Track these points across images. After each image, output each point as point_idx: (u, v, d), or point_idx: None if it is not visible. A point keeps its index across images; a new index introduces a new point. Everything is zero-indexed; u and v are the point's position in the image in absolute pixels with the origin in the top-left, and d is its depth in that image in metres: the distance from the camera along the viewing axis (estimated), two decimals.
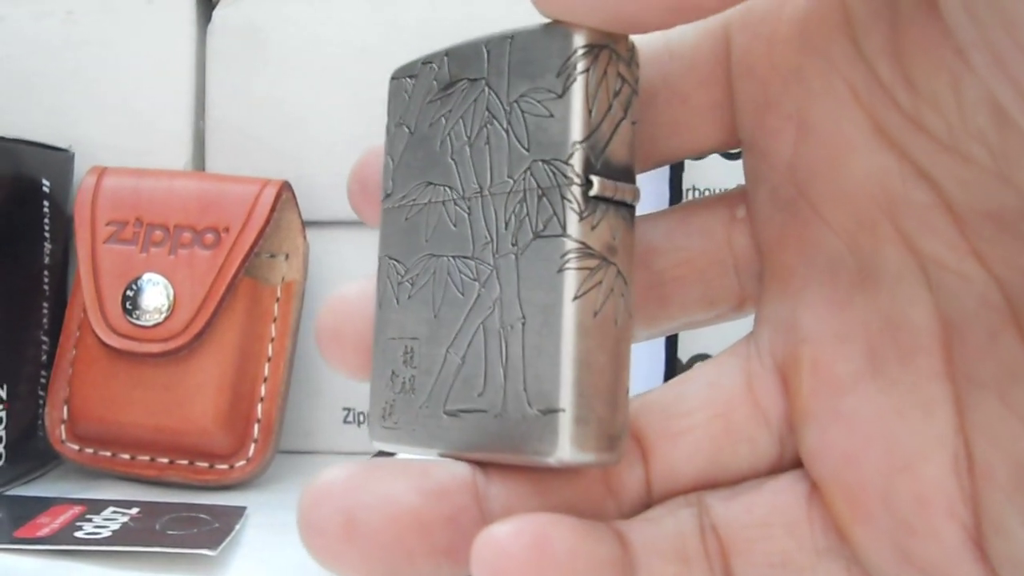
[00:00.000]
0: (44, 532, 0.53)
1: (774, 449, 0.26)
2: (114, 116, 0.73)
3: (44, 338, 0.68)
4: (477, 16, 0.69)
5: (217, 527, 0.54)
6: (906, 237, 0.23)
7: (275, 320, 0.66)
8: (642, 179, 0.25)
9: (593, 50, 0.23)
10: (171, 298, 0.64)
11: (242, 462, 0.64)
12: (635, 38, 0.25)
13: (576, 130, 0.23)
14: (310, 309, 0.70)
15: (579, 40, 0.23)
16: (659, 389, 0.27)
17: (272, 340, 0.66)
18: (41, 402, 0.67)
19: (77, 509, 0.57)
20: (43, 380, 0.67)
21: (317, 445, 0.72)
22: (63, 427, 0.66)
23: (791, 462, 0.26)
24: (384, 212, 0.28)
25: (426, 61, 0.28)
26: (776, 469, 0.26)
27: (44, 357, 0.68)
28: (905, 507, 0.23)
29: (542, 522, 0.23)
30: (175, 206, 0.66)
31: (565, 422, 0.23)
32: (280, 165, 0.71)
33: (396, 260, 0.27)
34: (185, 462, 0.64)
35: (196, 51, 0.73)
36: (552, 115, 0.23)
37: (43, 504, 0.58)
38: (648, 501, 0.26)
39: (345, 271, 0.71)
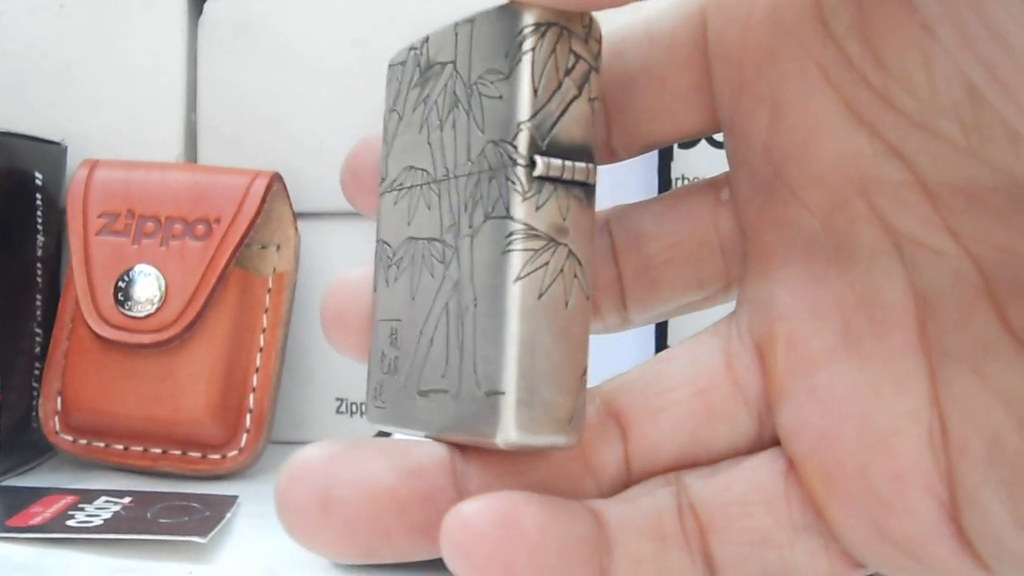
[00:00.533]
0: (36, 521, 0.53)
1: (753, 427, 0.26)
2: (106, 109, 0.74)
3: (37, 330, 0.68)
4: (470, 7, 0.69)
5: (208, 515, 0.54)
6: (880, 215, 0.24)
7: (266, 311, 0.67)
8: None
9: (540, 28, 0.23)
10: (163, 289, 0.64)
11: (234, 452, 0.64)
12: (617, 24, 0.25)
13: (521, 110, 0.23)
14: (301, 300, 0.70)
15: (527, 19, 0.23)
16: (639, 367, 0.27)
17: (264, 331, 0.66)
18: (35, 394, 0.67)
19: (70, 499, 0.57)
20: (37, 372, 0.68)
21: (309, 435, 0.72)
22: (57, 418, 0.66)
23: (770, 440, 0.26)
24: (380, 197, 0.28)
25: (412, 47, 0.28)
26: (755, 447, 0.26)
27: (37, 349, 0.68)
28: (881, 484, 0.23)
29: (512, 500, 0.23)
30: (166, 198, 0.66)
31: (508, 404, 0.23)
32: (271, 157, 0.71)
33: (386, 243, 0.27)
34: (178, 452, 0.64)
35: (187, 44, 0.74)
36: (501, 96, 0.23)
37: (36, 494, 0.58)
38: (627, 479, 0.26)
39: (336, 262, 0.71)
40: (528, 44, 0.23)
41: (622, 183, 0.57)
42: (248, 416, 0.65)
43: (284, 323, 0.67)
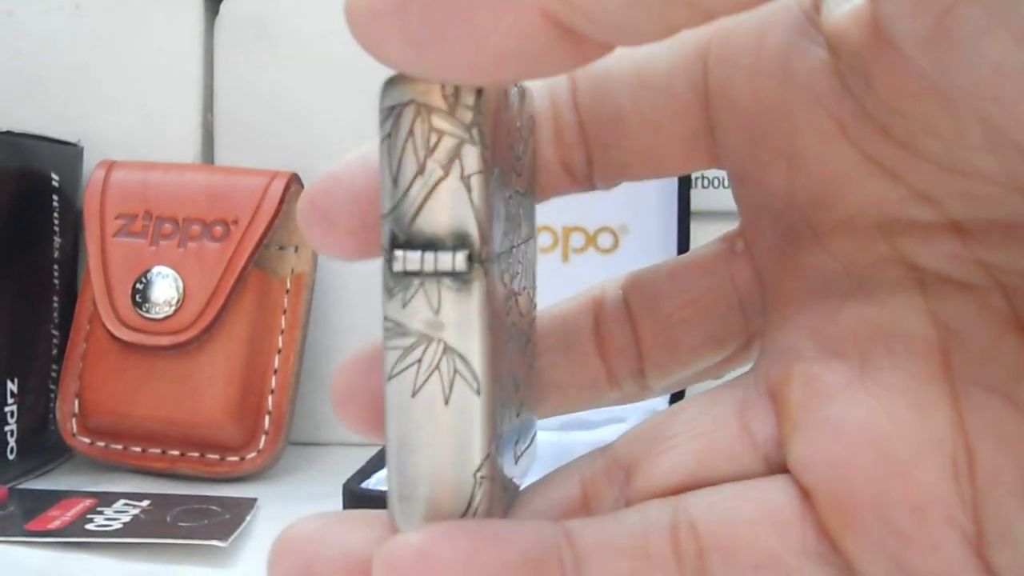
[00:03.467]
0: (55, 525, 0.53)
1: (758, 466, 0.25)
2: (123, 110, 0.73)
3: (54, 332, 0.68)
4: None
5: (228, 518, 0.54)
6: (904, 254, 0.23)
7: (285, 312, 0.66)
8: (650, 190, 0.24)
9: (393, 110, 0.21)
10: (181, 291, 0.64)
11: (253, 454, 0.64)
12: (600, 63, 0.24)
13: (382, 203, 0.21)
14: (319, 301, 0.70)
15: (383, 101, 0.21)
16: (652, 419, 0.26)
17: (282, 332, 0.66)
18: (52, 396, 0.67)
19: (88, 502, 0.57)
20: (54, 374, 0.68)
21: (328, 437, 0.72)
22: (74, 421, 0.66)
23: (779, 471, 0.25)
24: None
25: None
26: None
27: (55, 351, 0.68)
28: (899, 516, 0.22)
29: (436, 531, 0.22)
30: (184, 199, 0.66)
31: (393, 498, 0.22)
32: (289, 157, 0.71)
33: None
34: (196, 454, 0.64)
35: (204, 44, 0.73)
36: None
37: (54, 497, 0.58)
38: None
39: (354, 264, 0.71)
40: (384, 129, 0.21)
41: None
42: (267, 418, 0.65)
43: (302, 324, 0.66)
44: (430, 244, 0.21)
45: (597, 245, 0.67)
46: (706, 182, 0.70)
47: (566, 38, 0.18)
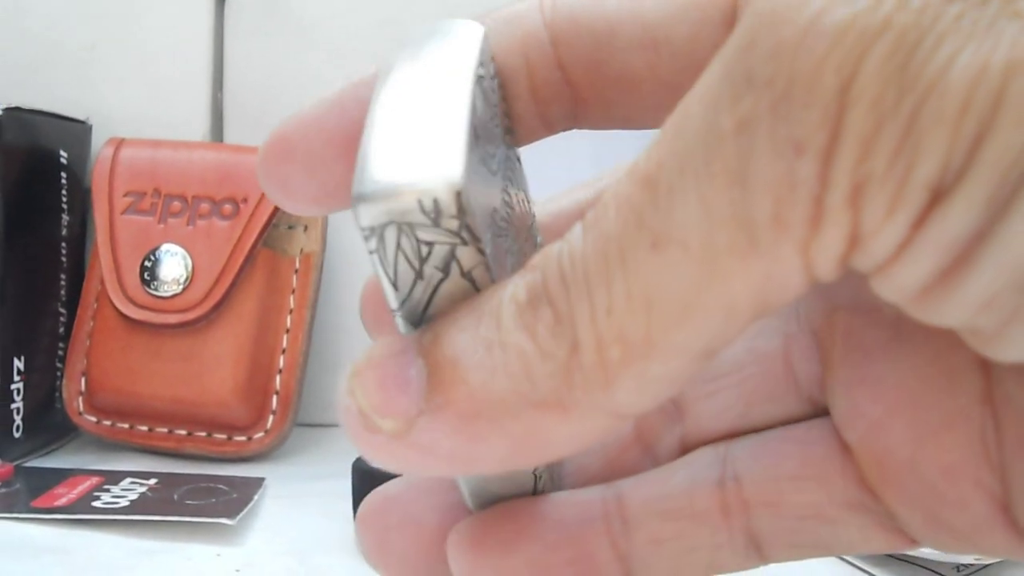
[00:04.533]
0: (62, 502, 0.53)
1: (803, 408, 0.25)
2: (132, 87, 0.73)
3: (61, 310, 0.68)
4: None
5: (235, 497, 0.54)
6: None
7: (293, 291, 0.66)
8: None
9: (376, 231, 0.19)
10: (189, 269, 0.63)
11: (260, 434, 0.64)
12: (601, 13, 0.24)
13: (389, 301, 0.21)
14: (328, 280, 0.69)
15: (360, 220, 0.20)
16: None
17: (291, 311, 0.66)
18: (59, 374, 0.67)
19: (95, 480, 0.57)
20: (60, 352, 0.67)
21: (335, 417, 0.71)
22: (81, 399, 0.66)
23: (823, 416, 0.25)
24: None
25: None
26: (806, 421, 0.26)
27: (61, 329, 0.67)
28: (933, 476, 0.22)
29: (495, 514, 0.24)
30: (193, 177, 0.65)
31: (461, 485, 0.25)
32: None
33: None
34: (203, 434, 0.64)
35: (214, 22, 0.73)
36: None
37: (61, 475, 0.58)
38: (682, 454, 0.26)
39: (363, 243, 0.70)
40: (370, 245, 0.20)
41: None
42: (275, 398, 0.64)
43: (311, 304, 0.66)
44: None
45: None
46: None
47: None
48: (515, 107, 0.25)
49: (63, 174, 0.67)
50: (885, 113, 0.16)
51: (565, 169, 0.39)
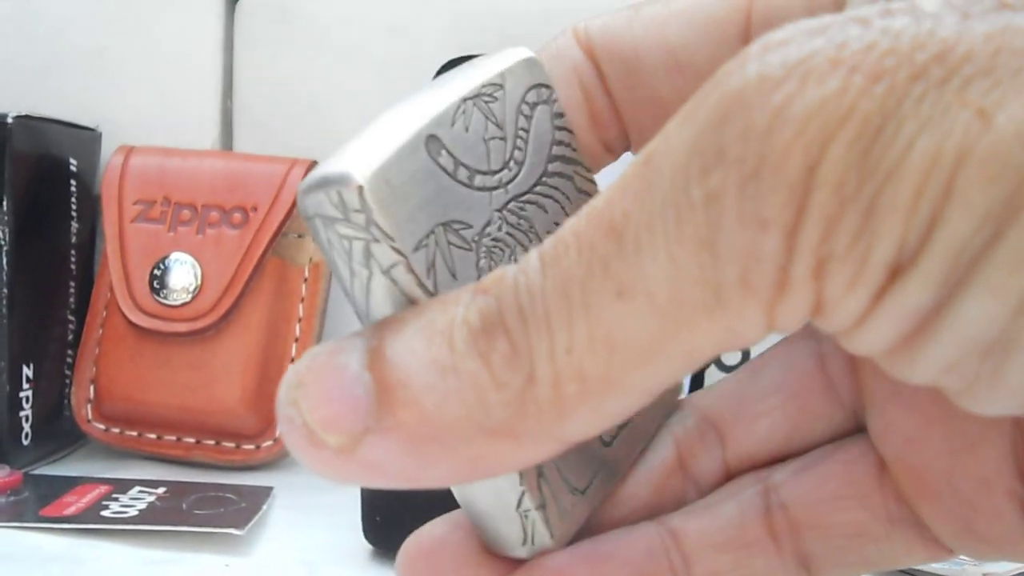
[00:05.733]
0: (70, 511, 0.53)
1: (849, 422, 0.26)
2: (142, 95, 0.73)
3: (70, 317, 0.68)
4: None
5: (244, 507, 0.54)
6: None
7: (302, 300, 0.66)
8: None
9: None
10: (199, 277, 0.63)
11: (269, 442, 0.64)
12: (629, 40, 0.24)
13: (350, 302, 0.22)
14: (337, 289, 0.69)
15: (301, 209, 0.21)
16: (735, 376, 0.27)
17: (300, 320, 0.66)
18: (67, 382, 0.67)
19: (103, 488, 0.57)
20: (69, 360, 0.67)
21: None
22: (89, 407, 0.66)
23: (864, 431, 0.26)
24: None
25: None
26: (849, 436, 0.26)
27: (70, 337, 0.68)
28: (968, 488, 0.23)
29: (559, 561, 0.24)
30: (203, 185, 0.65)
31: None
32: (308, 144, 0.70)
33: None
34: (212, 442, 0.64)
35: (224, 30, 0.73)
36: None
37: (69, 483, 0.58)
38: (726, 480, 0.27)
39: None
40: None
41: None
42: None
43: (320, 313, 0.66)
44: None
45: None
46: None
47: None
48: (580, 137, 0.26)
49: (73, 182, 0.67)
50: (847, 197, 0.17)
51: None
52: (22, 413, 0.62)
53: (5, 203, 0.61)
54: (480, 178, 0.23)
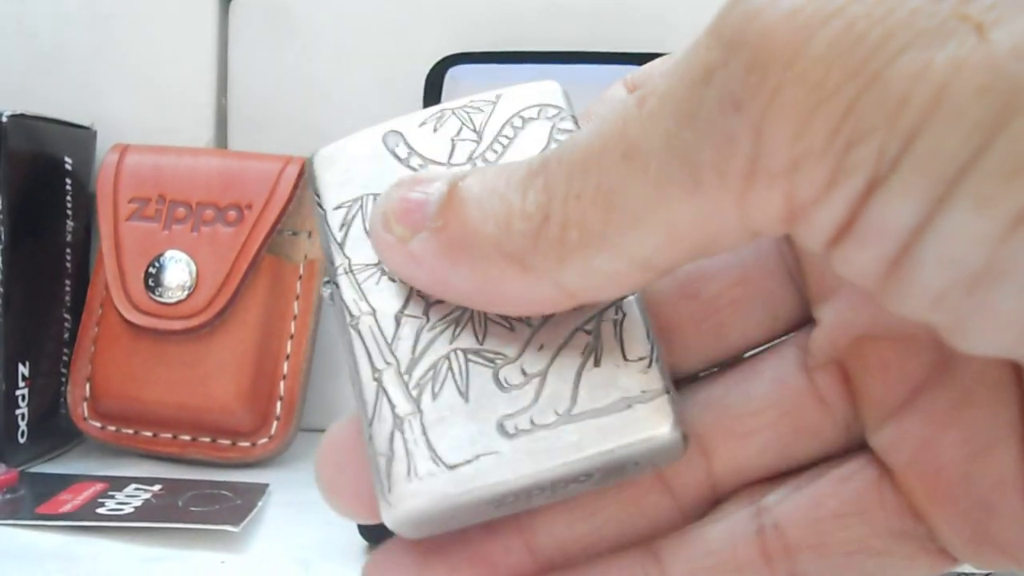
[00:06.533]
0: (66, 508, 0.53)
1: (841, 438, 0.25)
2: (137, 93, 0.73)
3: (66, 316, 0.68)
4: None
5: (239, 504, 0.54)
6: None
7: (298, 298, 0.66)
8: None
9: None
10: (194, 275, 0.63)
11: (264, 440, 0.64)
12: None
13: None
14: None
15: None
16: (720, 386, 0.26)
17: (295, 318, 0.66)
18: (63, 380, 0.67)
19: (99, 486, 0.57)
20: (65, 358, 0.67)
21: None
22: (85, 405, 0.66)
23: (856, 447, 0.25)
24: None
25: None
26: (841, 454, 0.26)
27: (66, 335, 0.68)
28: (984, 490, 0.23)
29: None
30: (198, 183, 0.65)
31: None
32: (303, 142, 0.70)
33: None
34: (207, 439, 0.64)
35: (219, 28, 0.73)
36: None
37: (65, 481, 0.58)
38: (713, 498, 0.26)
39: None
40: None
41: None
42: (278, 403, 0.64)
43: (315, 310, 0.66)
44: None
45: None
46: None
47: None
48: None
49: (68, 180, 0.67)
50: (824, 96, 0.17)
51: None
52: (18, 411, 0.62)
53: (0, 202, 0.61)
54: (434, 167, 0.26)
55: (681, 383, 0.26)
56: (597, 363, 0.24)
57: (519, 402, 0.23)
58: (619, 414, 0.23)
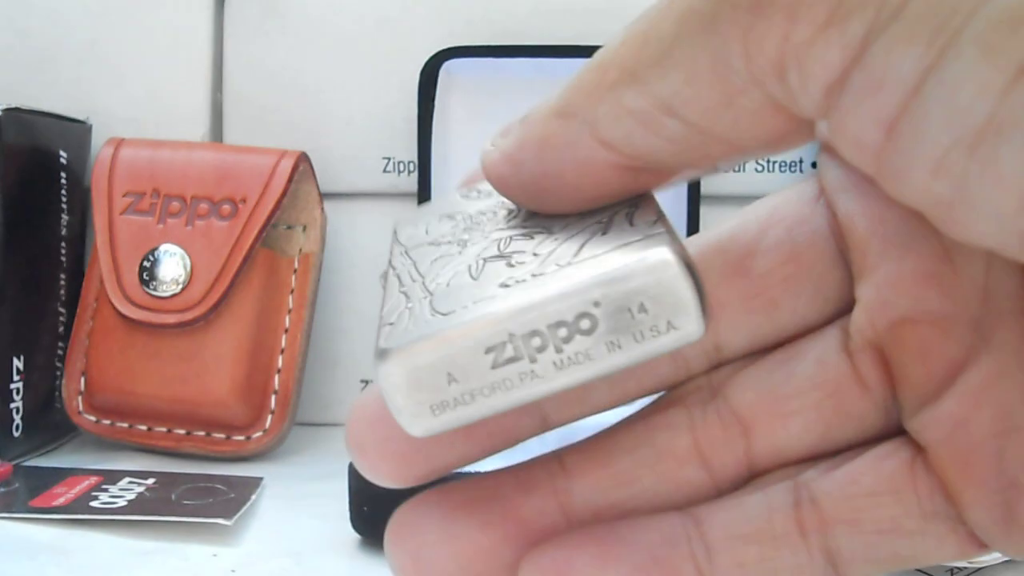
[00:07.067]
0: (60, 501, 0.53)
1: (880, 422, 0.26)
2: (132, 87, 0.73)
3: (61, 309, 0.68)
4: None
5: (233, 497, 0.54)
6: None
7: (292, 291, 0.66)
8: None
9: None
10: (188, 269, 0.63)
11: (259, 433, 0.64)
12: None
13: None
14: (327, 281, 0.69)
15: None
16: (764, 366, 0.26)
17: (289, 311, 0.66)
18: (58, 373, 0.67)
19: (93, 479, 0.57)
20: (60, 352, 0.67)
21: (334, 417, 0.71)
22: (80, 398, 0.66)
23: (894, 430, 0.26)
24: None
25: None
26: (880, 438, 0.26)
27: (61, 328, 0.68)
28: (1017, 469, 0.23)
29: (570, 542, 0.24)
30: (192, 177, 0.65)
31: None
32: (298, 136, 0.70)
33: None
34: (202, 433, 0.64)
35: (214, 22, 0.73)
36: None
37: (59, 475, 0.58)
38: (749, 479, 0.26)
39: (363, 242, 0.70)
40: None
41: None
42: (273, 397, 0.64)
43: (310, 304, 0.66)
44: None
45: None
46: (714, 201, 0.69)
47: (630, 175, 0.24)
48: None
49: (63, 174, 0.67)
50: None
51: None
52: (13, 405, 0.62)
53: None
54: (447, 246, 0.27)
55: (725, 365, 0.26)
56: (604, 233, 0.24)
57: (523, 269, 0.23)
58: (617, 251, 0.23)
